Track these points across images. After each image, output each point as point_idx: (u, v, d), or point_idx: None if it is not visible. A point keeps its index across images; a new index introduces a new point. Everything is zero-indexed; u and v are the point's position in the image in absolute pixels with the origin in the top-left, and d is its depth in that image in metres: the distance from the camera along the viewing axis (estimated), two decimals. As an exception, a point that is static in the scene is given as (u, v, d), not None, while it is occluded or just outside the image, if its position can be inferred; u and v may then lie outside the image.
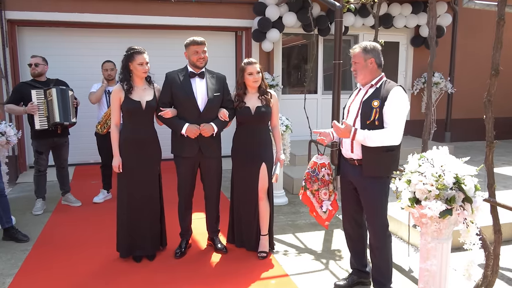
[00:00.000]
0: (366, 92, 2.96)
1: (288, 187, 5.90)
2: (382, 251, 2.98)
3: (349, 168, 3.03)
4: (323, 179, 3.17)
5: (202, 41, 3.53)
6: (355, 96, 3.07)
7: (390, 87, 2.86)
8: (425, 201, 2.13)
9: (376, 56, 2.93)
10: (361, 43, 2.98)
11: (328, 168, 3.20)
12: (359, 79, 2.99)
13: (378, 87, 2.91)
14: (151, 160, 3.61)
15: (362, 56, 2.92)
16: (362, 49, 2.93)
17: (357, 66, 2.95)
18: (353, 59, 2.97)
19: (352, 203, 3.14)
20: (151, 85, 3.62)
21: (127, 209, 3.57)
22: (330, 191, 3.18)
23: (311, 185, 3.19)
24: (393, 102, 2.79)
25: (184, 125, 3.50)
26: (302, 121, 6.08)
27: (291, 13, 7.01)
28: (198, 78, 3.59)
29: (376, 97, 2.86)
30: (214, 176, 3.76)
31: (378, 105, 2.82)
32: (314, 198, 3.22)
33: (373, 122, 2.82)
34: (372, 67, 2.92)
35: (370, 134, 2.77)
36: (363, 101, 2.92)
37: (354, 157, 2.96)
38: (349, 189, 3.11)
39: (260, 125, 3.73)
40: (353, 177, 3.00)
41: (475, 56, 8.75)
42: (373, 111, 2.82)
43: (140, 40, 6.88)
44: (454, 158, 2.23)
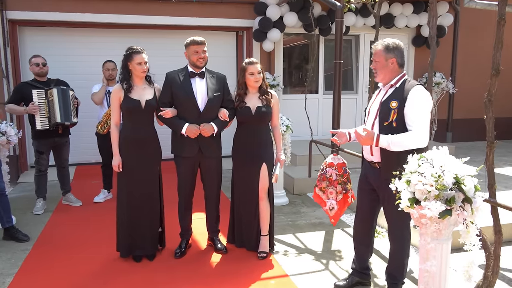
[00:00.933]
0: (386, 92, 2.87)
1: (288, 187, 5.89)
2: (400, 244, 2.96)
3: (370, 170, 2.99)
4: (330, 179, 3.17)
5: (202, 41, 3.53)
6: (375, 97, 2.99)
7: (410, 86, 2.75)
8: (425, 201, 2.12)
9: (398, 56, 2.82)
10: (384, 41, 2.85)
11: (336, 169, 3.18)
12: (379, 78, 2.88)
13: (398, 87, 2.81)
14: (151, 160, 3.61)
15: (383, 55, 2.81)
16: (384, 48, 2.81)
17: (377, 65, 2.84)
18: (374, 57, 2.86)
19: (367, 203, 3.09)
20: (151, 85, 3.62)
21: (127, 209, 3.57)
22: (338, 191, 3.17)
23: (320, 183, 3.22)
24: (414, 102, 2.69)
25: (184, 125, 3.50)
26: (303, 121, 6.08)
27: (292, 13, 7.00)
28: (198, 78, 3.59)
29: (394, 97, 2.77)
30: (214, 176, 3.76)
31: (397, 106, 2.73)
32: (324, 195, 3.25)
33: (391, 124, 2.74)
34: (393, 67, 2.82)
35: (394, 139, 2.66)
36: (382, 102, 2.84)
37: (374, 159, 2.90)
38: (367, 190, 3.06)
39: (260, 125, 3.73)
40: (374, 179, 2.95)
41: (477, 56, 8.73)
42: (391, 112, 2.74)
43: (141, 40, 6.89)
44: (454, 158, 2.22)
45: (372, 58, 2.89)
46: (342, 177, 3.19)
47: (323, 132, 8.06)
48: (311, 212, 5.05)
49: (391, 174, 2.80)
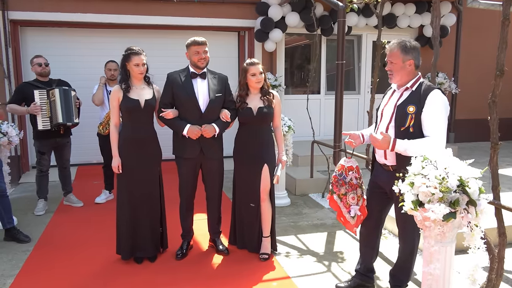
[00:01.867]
0: (401, 95, 2.76)
1: (290, 188, 5.87)
2: (410, 247, 2.92)
3: (383, 173, 2.90)
4: (351, 183, 3.07)
5: (203, 41, 3.51)
6: (388, 99, 2.87)
7: (428, 90, 2.64)
8: (429, 204, 2.10)
9: (415, 57, 2.71)
10: (400, 41, 2.72)
11: (356, 172, 3.09)
12: (395, 80, 2.77)
13: (414, 90, 2.70)
14: (151, 160, 3.59)
15: (401, 56, 2.69)
16: (401, 48, 2.69)
17: (394, 67, 2.72)
18: (390, 58, 2.73)
19: (376, 206, 3.03)
20: (150, 85, 3.60)
21: (128, 210, 3.55)
22: (359, 195, 3.07)
23: (338, 189, 3.09)
24: (432, 108, 2.59)
25: (186, 126, 3.48)
26: (305, 122, 6.06)
27: (294, 13, 6.98)
28: (200, 78, 3.57)
29: (412, 102, 2.66)
30: (216, 177, 3.74)
31: (414, 111, 2.62)
32: (341, 203, 3.12)
33: (408, 129, 2.65)
34: (410, 69, 2.70)
35: (411, 145, 2.57)
36: (397, 105, 2.73)
37: (388, 163, 2.82)
38: (377, 193, 2.99)
39: (262, 125, 3.71)
40: (387, 183, 2.83)
41: (479, 56, 8.69)
42: (408, 117, 2.64)
43: (142, 40, 6.88)
44: (458, 160, 2.20)
45: (388, 59, 2.76)
46: (360, 179, 3.11)
47: (325, 133, 8.04)
48: (313, 213, 5.02)
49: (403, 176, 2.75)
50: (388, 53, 2.78)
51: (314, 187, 5.84)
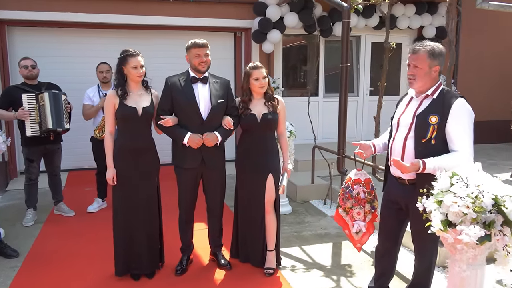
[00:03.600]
0: (421, 103, 2.55)
1: (291, 194, 5.67)
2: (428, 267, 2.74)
3: (398, 188, 2.68)
4: (357, 197, 2.87)
5: (204, 44, 3.30)
6: (405, 106, 2.66)
7: (452, 99, 2.44)
8: (461, 225, 1.91)
9: (441, 63, 2.49)
10: (427, 44, 2.48)
11: (364, 186, 2.89)
12: (416, 86, 2.53)
13: (436, 98, 2.50)
14: (148, 170, 3.37)
15: (428, 61, 2.45)
16: (429, 53, 2.44)
17: (418, 72, 2.48)
18: (414, 61, 2.49)
19: (392, 223, 2.81)
20: (148, 91, 3.38)
21: (123, 224, 3.33)
22: (366, 211, 2.86)
23: (344, 203, 2.90)
24: (459, 119, 2.40)
25: (186, 134, 3.26)
26: (304, 125, 5.86)
27: (293, 13, 6.77)
28: (201, 83, 3.36)
29: (434, 111, 2.45)
30: (218, 188, 3.53)
31: (437, 121, 2.42)
32: (347, 216, 2.93)
33: (429, 141, 2.45)
34: (435, 76, 2.49)
35: (442, 164, 2.33)
36: (417, 114, 2.52)
37: (405, 176, 2.60)
38: (392, 208, 2.78)
39: (266, 132, 3.51)
40: (403, 198, 2.66)
41: (479, 58, 8.57)
42: (429, 128, 2.43)
43: (136, 41, 6.64)
44: (490, 176, 2.02)
45: (412, 62, 2.51)
46: (370, 194, 2.89)
47: (323, 136, 7.84)
48: (316, 222, 4.83)
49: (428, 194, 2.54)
50: (412, 55, 2.52)
51: (315, 194, 5.65)
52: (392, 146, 2.68)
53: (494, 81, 8.89)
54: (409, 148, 2.55)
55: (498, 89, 8.95)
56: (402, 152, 2.58)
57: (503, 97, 9.03)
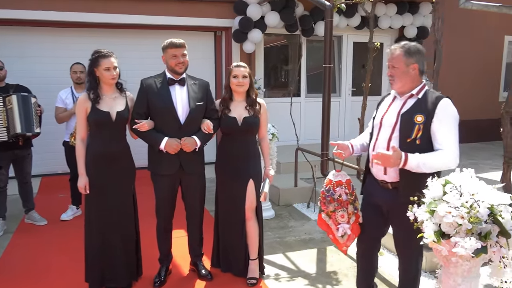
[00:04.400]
0: (405, 103, 2.50)
1: (274, 198, 5.54)
2: (413, 277, 2.67)
3: (379, 191, 2.60)
4: (340, 200, 2.75)
5: (181, 44, 3.12)
6: (388, 106, 2.60)
7: (437, 99, 2.40)
8: (455, 236, 1.80)
9: (420, 62, 2.46)
10: (403, 43, 2.49)
11: (345, 187, 2.78)
12: (396, 87, 2.51)
13: (421, 98, 2.46)
14: (123, 178, 3.17)
15: (404, 60, 2.43)
16: (404, 51, 2.44)
17: (396, 71, 2.46)
18: (391, 62, 2.49)
19: (374, 226, 2.74)
20: (123, 93, 3.18)
21: (97, 235, 3.13)
22: (350, 213, 2.75)
23: (326, 206, 2.77)
24: (445, 118, 2.36)
25: (163, 139, 3.08)
26: (287, 126, 5.74)
27: (274, 12, 6.63)
28: (178, 85, 3.18)
29: (419, 110, 2.40)
30: (197, 195, 3.36)
31: (423, 120, 2.36)
32: (330, 220, 2.81)
33: (414, 141, 2.39)
34: (414, 74, 2.45)
35: (426, 161, 2.29)
36: (401, 113, 2.47)
37: (388, 179, 2.52)
38: (374, 212, 2.70)
39: (247, 136, 3.37)
40: (385, 202, 2.58)
41: (459, 57, 8.61)
42: (415, 127, 2.37)
43: (112, 41, 6.41)
44: (484, 183, 1.91)
45: (389, 63, 2.51)
46: (351, 195, 2.78)
47: (305, 137, 7.74)
48: (300, 227, 4.71)
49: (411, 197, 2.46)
50: (389, 56, 2.51)
51: (299, 197, 5.53)
52: (375, 147, 2.59)
53: (473, 81, 8.95)
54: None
55: (477, 89, 9.01)
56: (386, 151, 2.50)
57: (482, 97, 9.11)
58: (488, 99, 9.21)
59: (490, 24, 8.86)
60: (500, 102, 9.40)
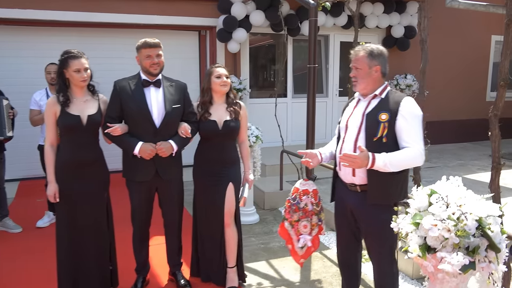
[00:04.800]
0: (369, 103, 2.49)
1: (258, 201, 5.40)
2: (389, 283, 2.57)
3: (349, 195, 2.55)
4: (305, 209, 2.67)
5: (156, 43, 2.97)
6: (353, 108, 2.59)
7: (399, 97, 2.42)
8: (441, 250, 1.68)
9: (382, 64, 2.48)
10: (366, 46, 2.51)
11: (312, 196, 2.70)
12: (359, 88, 2.50)
13: (384, 97, 2.46)
14: (96, 186, 3.01)
15: (367, 62, 2.45)
16: (367, 54, 2.45)
17: (359, 73, 2.47)
18: (355, 63, 2.49)
19: (349, 233, 2.67)
20: (95, 96, 3.02)
21: (68, 246, 2.96)
22: (313, 224, 2.68)
23: (290, 215, 2.69)
24: (408, 115, 2.34)
25: (137, 144, 2.92)
26: (273, 127, 5.60)
27: (259, 11, 6.49)
28: (154, 87, 3.02)
29: (383, 109, 2.40)
30: (175, 202, 3.21)
31: (387, 118, 2.35)
32: (292, 230, 2.73)
33: (381, 139, 2.37)
34: (377, 76, 2.46)
35: (393, 159, 2.28)
36: (366, 114, 2.45)
37: (357, 181, 2.48)
38: (347, 218, 2.63)
39: (227, 141, 3.23)
40: (354, 206, 2.53)
41: (447, 57, 8.56)
42: (380, 126, 2.36)
43: (89, 40, 6.25)
44: (472, 193, 1.80)
45: (353, 65, 2.51)
46: (317, 206, 2.71)
47: (293, 138, 7.64)
48: (284, 232, 4.57)
49: (380, 198, 2.40)
50: (353, 58, 2.53)
51: (284, 200, 5.35)
52: (341, 149, 2.56)
53: (461, 81, 8.91)
54: None
55: (464, 89, 8.98)
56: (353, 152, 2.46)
57: (469, 97, 9.08)
58: (475, 99, 9.19)
59: (477, 23, 8.83)
60: (487, 102, 9.39)
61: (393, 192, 2.43)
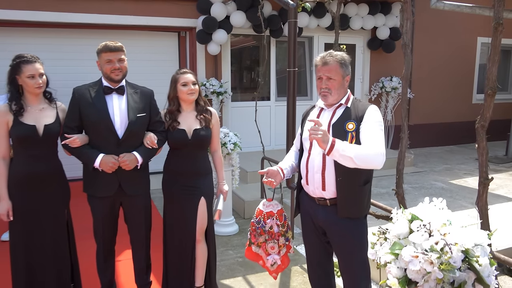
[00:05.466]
0: (334, 113, 2.37)
1: (238, 210, 5.19)
2: None
3: (318, 209, 2.40)
4: (271, 232, 2.49)
5: (117, 47, 2.73)
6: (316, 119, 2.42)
7: (364, 106, 2.34)
8: (425, 285, 1.48)
9: (349, 72, 2.38)
10: (335, 53, 2.33)
11: (277, 218, 2.52)
12: (332, 100, 2.34)
13: (349, 106, 2.35)
14: (54, 202, 2.77)
15: (341, 72, 2.31)
16: (340, 63, 2.30)
17: (333, 84, 2.30)
18: (327, 73, 2.30)
19: (320, 250, 2.52)
20: (53, 104, 2.78)
21: (24, 267, 2.72)
22: (281, 245, 2.51)
23: (256, 239, 2.51)
24: (370, 121, 2.26)
25: (98, 156, 2.68)
26: (255, 131, 5.38)
27: (240, 12, 6.27)
28: (116, 94, 2.79)
29: (349, 118, 2.30)
30: (141, 218, 2.97)
31: (354, 128, 2.26)
32: (260, 249, 2.56)
33: None
34: (346, 85, 2.37)
35: (353, 146, 2.16)
36: (332, 124, 2.33)
37: (327, 195, 2.33)
38: (316, 234, 2.48)
39: (198, 150, 3.01)
40: (324, 220, 2.38)
41: (432, 59, 8.45)
42: (348, 135, 2.25)
43: (64, 42, 5.97)
44: (457, 217, 1.60)
45: (325, 74, 2.31)
46: (283, 226, 2.53)
47: (276, 142, 7.44)
48: (264, 243, 4.36)
49: (351, 211, 2.27)
50: (323, 67, 2.32)
51: (265, 209, 5.17)
52: (308, 163, 2.40)
53: (447, 83, 8.81)
54: (329, 162, 2.30)
55: (450, 91, 8.88)
56: (322, 167, 2.33)
57: (455, 99, 8.99)
58: (461, 101, 9.09)
59: (462, 25, 8.73)
60: (473, 105, 9.30)
61: (362, 203, 2.33)
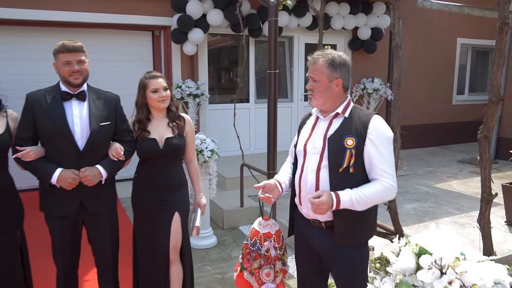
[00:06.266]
0: (330, 123, 2.08)
1: (217, 220, 4.90)
2: None
3: (313, 232, 2.13)
4: (267, 256, 2.18)
5: (76, 47, 2.41)
6: (311, 130, 2.15)
7: (366, 117, 2.02)
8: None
9: (345, 76, 2.05)
10: (327, 52, 2.06)
11: (275, 240, 2.21)
12: (316, 103, 2.08)
13: (348, 116, 2.05)
14: (4, 224, 2.43)
15: (327, 73, 2.02)
16: (327, 63, 2.02)
17: (317, 86, 2.04)
18: (312, 73, 2.05)
19: (314, 275, 2.26)
20: (2, 112, 2.44)
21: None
22: (277, 270, 2.20)
23: (250, 264, 2.19)
24: (378, 140, 1.96)
25: (55, 171, 2.36)
26: (234, 134, 5.11)
27: (217, 10, 5.98)
28: (76, 100, 2.47)
29: (348, 132, 1.99)
30: (107, 238, 2.65)
31: (354, 144, 1.96)
32: (253, 278, 2.24)
33: (347, 170, 1.97)
34: (337, 90, 2.04)
35: (361, 196, 1.90)
36: (328, 137, 2.04)
37: (322, 218, 2.07)
38: (311, 258, 2.22)
39: (171, 161, 2.73)
40: (319, 244, 2.12)
41: (414, 60, 8.33)
42: (346, 153, 1.95)
43: (25, 40, 5.56)
44: (472, 250, 1.37)
45: (309, 75, 2.07)
46: (281, 249, 2.23)
47: (256, 147, 7.18)
48: (244, 257, 4.09)
49: (350, 237, 1.99)
50: (310, 66, 2.08)
51: (245, 218, 4.92)
52: (301, 180, 2.12)
53: (427, 84, 8.73)
54: (323, 180, 2.04)
55: (431, 92, 8.81)
56: (316, 185, 2.05)
57: (436, 101, 8.93)
58: (442, 102, 9.04)
59: (442, 26, 8.67)
60: (453, 106, 9.27)
61: (362, 229, 2.06)
